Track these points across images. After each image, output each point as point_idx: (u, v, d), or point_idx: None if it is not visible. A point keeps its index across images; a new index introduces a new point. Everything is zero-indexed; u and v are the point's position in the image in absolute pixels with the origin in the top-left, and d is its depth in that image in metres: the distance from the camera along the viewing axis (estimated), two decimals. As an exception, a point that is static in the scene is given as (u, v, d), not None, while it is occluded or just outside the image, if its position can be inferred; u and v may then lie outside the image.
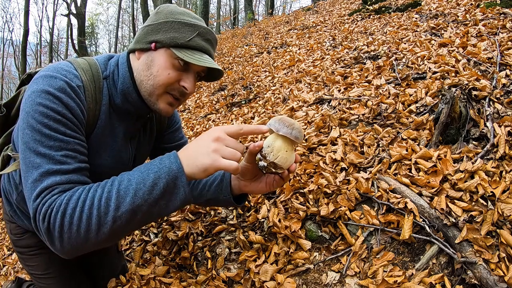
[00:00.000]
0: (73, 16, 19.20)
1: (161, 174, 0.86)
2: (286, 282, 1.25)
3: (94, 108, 1.05)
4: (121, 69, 1.09)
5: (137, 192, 0.85)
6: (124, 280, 1.44)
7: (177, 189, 0.88)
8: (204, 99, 4.39)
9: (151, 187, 0.85)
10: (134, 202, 0.84)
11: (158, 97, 1.07)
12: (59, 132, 0.90)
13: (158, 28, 1.03)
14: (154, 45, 1.02)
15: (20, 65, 17.68)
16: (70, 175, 0.89)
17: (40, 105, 0.89)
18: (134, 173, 0.89)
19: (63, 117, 0.91)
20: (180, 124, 1.47)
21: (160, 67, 1.02)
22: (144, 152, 1.35)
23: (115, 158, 1.15)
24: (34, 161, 0.87)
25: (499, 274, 1.04)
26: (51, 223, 0.83)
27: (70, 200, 0.84)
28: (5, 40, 29.98)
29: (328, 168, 1.65)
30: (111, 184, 0.87)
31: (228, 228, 1.60)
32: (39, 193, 0.85)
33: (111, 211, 0.83)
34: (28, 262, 1.40)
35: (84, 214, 0.83)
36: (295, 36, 5.88)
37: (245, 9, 15.87)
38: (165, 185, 0.86)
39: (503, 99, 1.70)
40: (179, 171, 0.87)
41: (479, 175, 1.31)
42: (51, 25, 26.82)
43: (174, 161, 0.88)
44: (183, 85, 1.05)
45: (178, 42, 1.00)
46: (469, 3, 3.72)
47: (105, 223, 0.84)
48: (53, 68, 0.97)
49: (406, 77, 2.29)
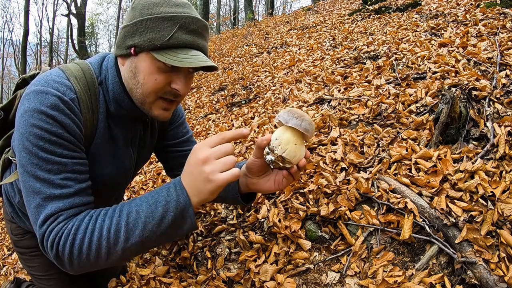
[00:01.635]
0: (73, 16, 19.19)
1: (170, 208, 0.87)
2: (286, 282, 1.25)
3: (91, 118, 1.00)
4: (110, 75, 1.02)
5: (146, 225, 0.86)
6: (124, 280, 1.44)
7: (185, 220, 0.89)
8: (204, 99, 4.39)
9: (159, 220, 0.86)
10: (143, 234, 0.86)
11: (151, 105, 1.00)
12: (55, 154, 0.88)
13: (134, 30, 0.92)
14: (134, 50, 0.93)
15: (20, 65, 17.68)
16: (72, 199, 0.89)
17: (34, 126, 0.86)
18: (142, 204, 0.88)
19: (58, 138, 0.88)
20: (184, 118, 1.41)
21: (145, 74, 0.94)
22: (146, 154, 1.32)
23: (116, 165, 1.13)
24: (34, 186, 0.87)
25: (499, 274, 1.04)
26: (59, 251, 0.85)
27: (78, 230, 0.85)
28: (5, 40, 29.98)
29: (328, 168, 1.65)
30: (119, 216, 0.87)
31: (228, 228, 1.60)
32: (44, 220, 0.86)
33: (120, 243, 0.85)
34: (29, 262, 1.39)
35: (93, 244, 0.85)
36: (295, 36, 5.88)
37: (245, 9, 15.87)
38: (173, 218, 0.87)
39: (503, 99, 1.70)
40: (187, 203, 0.87)
41: (479, 175, 1.31)
42: (51, 25, 26.82)
43: (181, 193, 0.87)
44: (174, 87, 0.96)
45: (157, 44, 0.89)
46: (469, 3, 3.72)
47: (114, 252, 0.86)
48: (44, 81, 0.92)
49: (406, 77, 2.29)
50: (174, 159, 1.39)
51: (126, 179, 1.26)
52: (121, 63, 1.00)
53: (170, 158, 1.40)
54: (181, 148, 1.38)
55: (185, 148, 1.38)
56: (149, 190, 2.35)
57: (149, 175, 2.67)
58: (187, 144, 1.39)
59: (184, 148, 1.38)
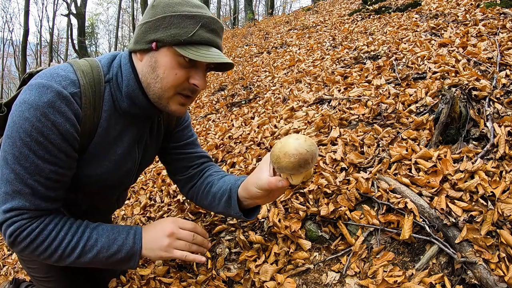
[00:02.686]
0: (73, 16, 19.20)
1: (123, 249, 1.05)
2: (286, 282, 1.25)
3: (92, 115, 0.99)
4: (125, 71, 1.02)
5: (99, 253, 1.03)
6: (125, 280, 1.44)
7: (130, 262, 1.08)
8: (204, 99, 4.39)
9: (111, 255, 1.04)
10: (94, 258, 1.03)
11: (169, 99, 1.01)
12: (36, 155, 0.90)
13: (157, 25, 0.94)
14: (155, 44, 0.94)
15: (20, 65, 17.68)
16: (39, 202, 0.96)
17: (26, 120, 0.88)
18: (103, 235, 1.04)
19: (45, 139, 0.90)
20: (190, 121, 1.41)
21: (166, 68, 0.95)
22: (151, 154, 1.31)
23: (117, 164, 1.12)
24: (8, 175, 0.92)
25: (499, 274, 1.04)
26: (17, 241, 0.96)
27: (41, 233, 0.97)
28: (5, 40, 29.98)
29: (328, 168, 1.65)
30: (80, 236, 1.01)
31: (228, 228, 1.60)
32: (8, 210, 0.94)
33: (72, 257, 1.01)
34: (29, 264, 1.39)
35: (50, 249, 0.98)
36: (295, 36, 5.88)
37: (245, 9, 15.87)
38: (122, 258, 1.06)
39: (503, 99, 1.70)
40: (137, 252, 1.07)
41: (479, 175, 1.31)
42: (51, 25, 26.81)
43: (138, 243, 1.07)
44: (193, 82, 0.99)
45: (181, 39, 0.92)
46: (469, 3, 3.72)
47: (63, 261, 1.01)
48: (49, 74, 0.93)
49: (406, 77, 2.29)
50: (177, 162, 1.38)
51: (128, 179, 1.25)
52: (138, 58, 1.01)
53: (173, 161, 1.39)
54: (185, 151, 1.37)
55: (189, 151, 1.37)
56: (149, 190, 2.35)
57: (149, 175, 2.67)
58: (191, 147, 1.38)
59: (188, 151, 1.37)
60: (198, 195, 1.34)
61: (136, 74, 1.02)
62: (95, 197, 1.23)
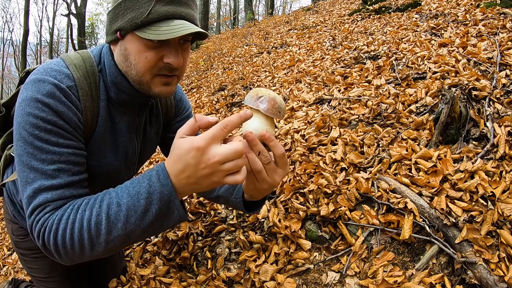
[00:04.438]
0: (73, 16, 19.19)
1: (153, 200, 0.80)
2: (286, 282, 1.25)
3: (91, 106, 1.00)
4: (106, 60, 1.03)
5: (129, 218, 0.81)
6: (125, 280, 1.44)
7: (171, 212, 0.83)
8: (204, 99, 4.39)
9: (143, 213, 0.81)
10: (127, 228, 0.81)
11: (149, 83, 0.99)
12: (50, 143, 0.88)
13: (117, 13, 0.93)
14: (119, 33, 0.93)
15: (20, 65, 17.67)
16: (62, 191, 0.88)
17: (30, 115, 0.87)
18: (123, 194, 0.82)
19: (54, 126, 0.89)
20: (191, 111, 1.38)
21: (135, 54, 0.93)
22: (151, 145, 1.29)
23: (120, 154, 1.12)
24: (28, 176, 0.87)
25: (499, 274, 1.04)
26: (45, 241, 0.85)
27: (61, 220, 0.83)
28: (5, 40, 29.99)
29: (328, 168, 1.65)
30: (99, 206, 0.83)
31: (228, 228, 1.60)
32: (32, 211, 0.86)
33: (102, 235, 0.82)
34: (30, 264, 1.38)
35: (75, 235, 0.82)
36: (295, 36, 5.88)
37: (245, 9, 15.88)
38: (157, 211, 0.81)
39: (503, 99, 1.70)
40: (172, 194, 0.80)
41: (479, 175, 1.31)
42: (51, 25, 26.80)
43: (165, 184, 0.79)
44: (167, 61, 0.94)
45: (138, 22, 0.88)
46: (469, 3, 3.72)
47: (98, 244, 0.83)
48: (43, 69, 0.93)
49: (406, 77, 2.29)
50: None
51: (129, 169, 1.24)
52: (112, 49, 1.01)
53: None
54: None
55: None
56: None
57: (149, 175, 2.67)
58: None
59: None
60: None
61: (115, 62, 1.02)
62: (97, 190, 1.23)
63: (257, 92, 0.87)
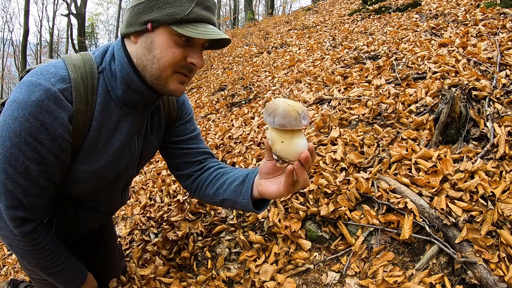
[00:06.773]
0: (73, 16, 19.18)
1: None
2: (286, 282, 1.25)
3: (85, 109, 0.99)
4: (118, 56, 1.02)
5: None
6: (125, 280, 1.44)
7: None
8: (204, 99, 4.39)
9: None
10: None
11: (167, 79, 1.00)
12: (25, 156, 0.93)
13: (151, 6, 0.93)
14: (151, 25, 0.93)
15: (20, 65, 17.66)
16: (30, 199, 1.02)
17: (15, 120, 0.89)
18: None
19: (34, 140, 0.91)
20: (192, 114, 1.37)
21: (163, 48, 0.95)
22: (152, 148, 1.28)
23: (117, 157, 1.10)
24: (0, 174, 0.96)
25: (499, 274, 1.04)
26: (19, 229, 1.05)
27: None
28: (5, 40, 29.96)
29: (328, 168, 1.65)
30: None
31: (228, 228, 1.60)
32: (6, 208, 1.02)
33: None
34: (29, 266, 1.38)
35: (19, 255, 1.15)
36: (295, 36, 5.88)
37: (245, 9, 15.88)
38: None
39: (503, 99, 1.70)
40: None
41: (479, 175, 1.31)
42: (51, 25, 26.76)
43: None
44: (191, 61, 0.98)
45: (177, 18, 0.91)
46: (469, 3, 3.72)
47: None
48: (40, 71, 0.93)
49: (406, 77, 2.29)
50: (179, 157, 1.33)
51: (128, 172, 1.23)
52: (132, 41, 1.00)
53: (175, 156, 1.34)
54: (187, 146, 1.32)
55: (191, 146, 1.32)
56: (149, 190, 2.36)
57: (149, 175, 2.67)
58: (194, 142, 1.33)
59: (191, 146, 1.32)
60: (204, 185, 1.28)
61: (129, 58, 1.01)
62: (100, 194, 1.23)
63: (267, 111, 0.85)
